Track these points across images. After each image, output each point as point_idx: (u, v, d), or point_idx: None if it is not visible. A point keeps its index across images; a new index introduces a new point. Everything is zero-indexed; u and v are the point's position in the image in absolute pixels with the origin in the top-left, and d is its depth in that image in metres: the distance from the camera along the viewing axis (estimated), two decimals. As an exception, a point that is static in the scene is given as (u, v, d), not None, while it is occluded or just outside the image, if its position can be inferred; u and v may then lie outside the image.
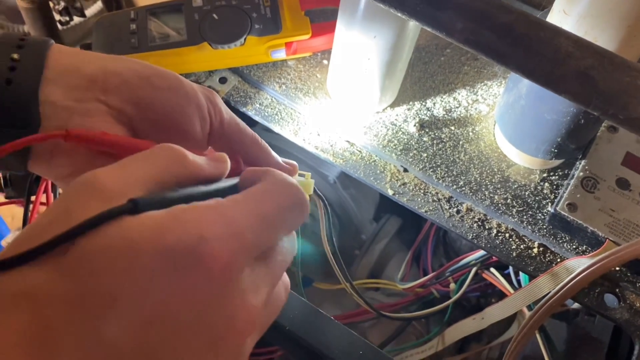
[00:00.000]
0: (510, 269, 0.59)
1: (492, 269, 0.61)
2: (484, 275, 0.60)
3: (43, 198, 0.50)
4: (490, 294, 0.69)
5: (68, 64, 0.31)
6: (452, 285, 0.62)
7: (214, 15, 0.56)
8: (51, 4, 0.71)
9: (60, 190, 0.51)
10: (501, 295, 0.63)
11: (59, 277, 0.20)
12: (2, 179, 0.49)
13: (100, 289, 0.20)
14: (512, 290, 0.56)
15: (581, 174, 0.51)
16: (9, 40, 0.31)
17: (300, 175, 0.39)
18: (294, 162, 0.39)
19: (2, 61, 0.30)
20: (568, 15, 0.42)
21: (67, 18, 0.76)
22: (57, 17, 0.74)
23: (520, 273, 0.56)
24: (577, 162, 0.52)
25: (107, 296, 0.20)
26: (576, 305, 0.57)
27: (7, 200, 0.54)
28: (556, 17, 0.43)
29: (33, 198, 0.49)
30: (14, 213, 1.36)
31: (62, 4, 0.71)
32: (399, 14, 0.35)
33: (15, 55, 0.30)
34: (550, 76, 0.31)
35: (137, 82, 0.32)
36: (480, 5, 0.32)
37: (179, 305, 0.21)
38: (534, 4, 0.59)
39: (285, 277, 0.28)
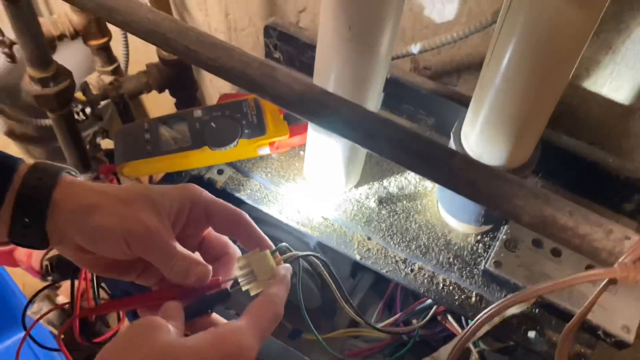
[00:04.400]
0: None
1: (448, 315, 0.74)
2: (439, 318, 0.73)
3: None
4: (452, 336, 0.82)
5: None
6: (415, 322, 0.74)
7: (212, 124, 0.70)
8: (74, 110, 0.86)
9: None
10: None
11: None
12: (49, 265, 0.62)
13: None
14: (460, 331, 0.69)
15: (504, 237, 0.65)
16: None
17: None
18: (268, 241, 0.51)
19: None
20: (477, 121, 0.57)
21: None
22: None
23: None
24: (502, 227, 0.67)
25: None
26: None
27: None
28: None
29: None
30: (24, 281, 1.47)
31: (82, 113, 0.85)
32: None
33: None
34: (448, 184, 0.46)
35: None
36: (401, 136, 0.47)
37: None
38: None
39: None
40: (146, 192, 0.46)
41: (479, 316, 0.47)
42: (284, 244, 0.50)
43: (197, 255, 0.46)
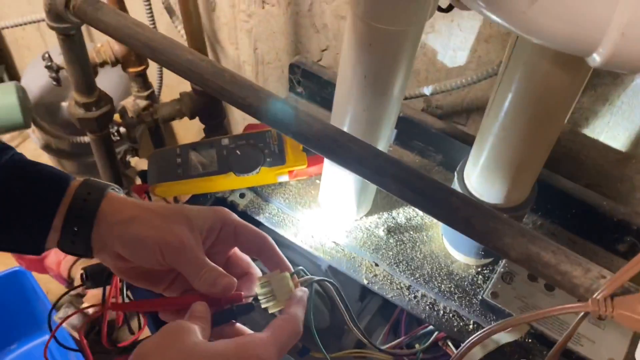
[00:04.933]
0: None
1: (448, 340, 0.78)
2: (440, 344, 0.78)
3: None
4: (452, 361, 0.86)
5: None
6: (417, 346, 0.79)
7: (237, 152, 0.77)
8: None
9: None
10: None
11: None
12: (84, 273, 0.69)
13: None
14: (458, 357, 0.73)
15: (502, 269, 0.70)
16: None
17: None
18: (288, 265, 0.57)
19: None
20: (477, 167, 0.63)
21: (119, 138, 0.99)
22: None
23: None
24: (500, 261, 0.72)
25: None
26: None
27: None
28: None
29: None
30: (48, 288, 1.54)
31: (118, 133, 0.93)
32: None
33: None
34: (446, 220, 0.51)
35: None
36: (406, 174, 0.53)
37: None
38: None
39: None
40: (182, 210, 0.52)
41: (469, 339, 0.52)
42: (300, 267, 0.56)
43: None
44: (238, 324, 0.51)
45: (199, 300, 0.49)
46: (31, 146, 1.60)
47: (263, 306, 0.51)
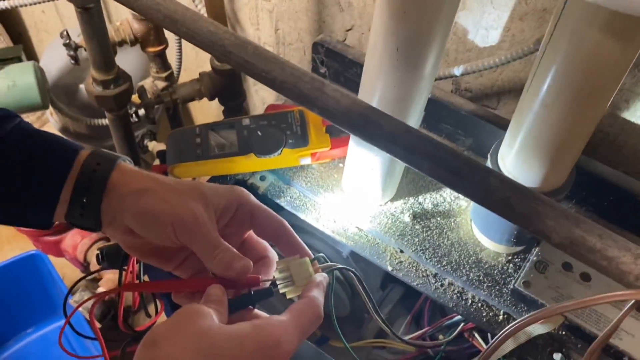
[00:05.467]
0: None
1: (475, 332, 0.75)
2: (466, 335, 0.74)
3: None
4: (478, 352, 0.83)
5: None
6: (441, 337, 0.76)
7: (259, 132, 0.74)
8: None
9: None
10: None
11: None
12: (100, 254, 0.67)
13: None
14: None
15: (535, 258, 0.67)
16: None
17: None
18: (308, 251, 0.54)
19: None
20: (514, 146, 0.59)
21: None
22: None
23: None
24: (533, 249, 0.68)
25: None
26: None
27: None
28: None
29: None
30: (64, 273, 1.54)
31: (136, 115, 0.91)
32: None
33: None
34: (484, 201, 0.48)
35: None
36: (440, 153, 0.49)
37: None
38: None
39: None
40: (197, 186, 0.50)
41: (503, 330, 0.49)
42: (321, 254, 0.53)
43: None
44: (256, 310, 0.48)
45: (215, 283, 0.46)
46: (50, 130, 1.60)
47: (281, 291, 0.48)
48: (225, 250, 0.47)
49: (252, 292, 0.47)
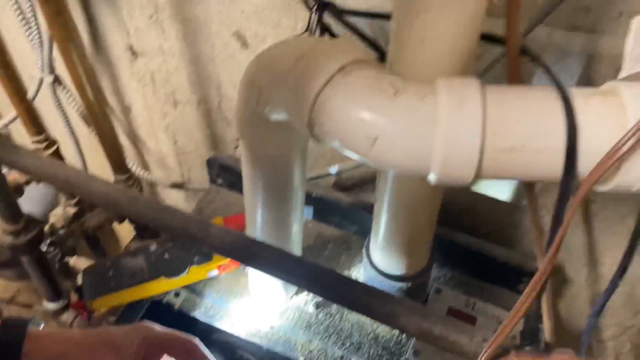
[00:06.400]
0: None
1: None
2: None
3: None
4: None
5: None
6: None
7: (165, 256, 0.82)
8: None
9: None
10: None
11: None
12: None
13: None
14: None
15: (420, 328, 0.78)
16: None
17: None
18: None
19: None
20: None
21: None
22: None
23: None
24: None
25: None
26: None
27: None
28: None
29: None
30: None
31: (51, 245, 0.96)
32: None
33: None
34: (351, 307, 0.58)
35: None
36: (312, 273, 0.60)
37: None
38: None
39: None
40: (109, 336, 0.56)
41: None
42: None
43: None
44: None
45: None
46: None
47: None
48: None
49: None
